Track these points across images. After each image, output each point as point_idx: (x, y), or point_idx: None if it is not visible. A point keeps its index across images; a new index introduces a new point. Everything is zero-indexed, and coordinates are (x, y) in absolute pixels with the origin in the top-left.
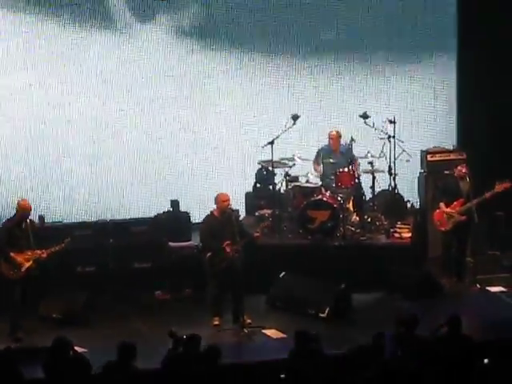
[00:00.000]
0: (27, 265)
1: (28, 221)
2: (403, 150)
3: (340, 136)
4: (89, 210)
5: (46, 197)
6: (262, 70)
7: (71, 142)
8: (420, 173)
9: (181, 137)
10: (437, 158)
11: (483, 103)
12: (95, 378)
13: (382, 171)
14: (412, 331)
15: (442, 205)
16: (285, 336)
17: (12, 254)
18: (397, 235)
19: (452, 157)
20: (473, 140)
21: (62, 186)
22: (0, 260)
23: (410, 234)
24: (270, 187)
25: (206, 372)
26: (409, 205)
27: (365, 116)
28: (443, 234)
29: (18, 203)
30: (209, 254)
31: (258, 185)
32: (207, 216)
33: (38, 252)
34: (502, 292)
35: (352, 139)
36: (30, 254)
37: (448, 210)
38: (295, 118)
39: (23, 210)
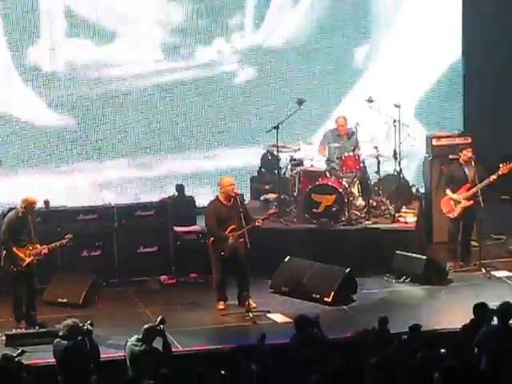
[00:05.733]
0: (28, 260)
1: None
2: (408, 135)
3: (346, 121)
4: (94, 195)
5: (51, 181)
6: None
7: (76, 126)
8: (425, 157)
9: (185, 121)
10: (442, 142)
11: (489, 86)
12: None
13: (387, 156)
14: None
15: (448, 191)
16: (290, 320)
17: (15, 249)
18: (402, 220)
19: (457, 141)
20: (478, 124)
21: (67, 170)
22: (2, 254)
23: (415, 219)
24: (275, 172)
25: None
26: (414, 189)
27: (370, 100)
28: (450, 220)
29: (24, 200)
30: (212, 239)
31: (263, 169)
32: (212, 201)
33: (40, 247)
34: (507, 277)
35: (357, 123)
36: (31, 248)
37: (454, 196)
38: (300, 102)
39: (31, 204)
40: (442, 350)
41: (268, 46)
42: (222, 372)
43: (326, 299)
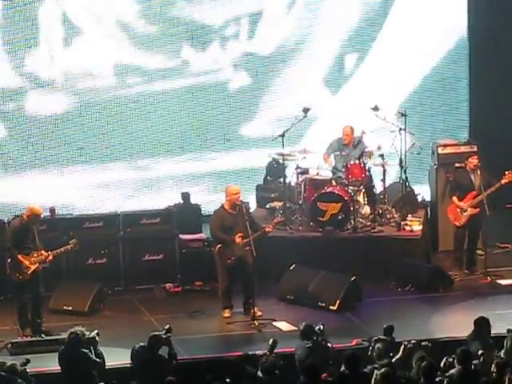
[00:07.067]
0: (33, 268)
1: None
2: (414, 143)
3: (353, 131)
4: (99, 203)
5: (57, 189)
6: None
7: (82, 134)
8: (431, 165)
9: (191, 129)
10: (448, 150)
11: (495, 94)
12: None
13: (393, 162)
14: None
15: (454, 199)
16: (295, 328)
17: (20, 257)
18: (407, 228)
19: (463, 149)
20: (485, 132)
21: (73, 178)
22: (7, 263)
23: (420, 227)
24: (281, 180)
25: None
26: (420, 198)
27: (376, 109)
28: (456, 228)
29: (30, 209)
30: (219, 246)
31: (269, 177)
32: (217, 209)
33: (45, 254)
34: None
35: (363, 132)
36: (36, 255)
37: (461, 204)
38: (306, 110)
39: (36, 215)
40: (450, 359)
41: (263, 53)
42: (227, 380)
43: (331, 307)
